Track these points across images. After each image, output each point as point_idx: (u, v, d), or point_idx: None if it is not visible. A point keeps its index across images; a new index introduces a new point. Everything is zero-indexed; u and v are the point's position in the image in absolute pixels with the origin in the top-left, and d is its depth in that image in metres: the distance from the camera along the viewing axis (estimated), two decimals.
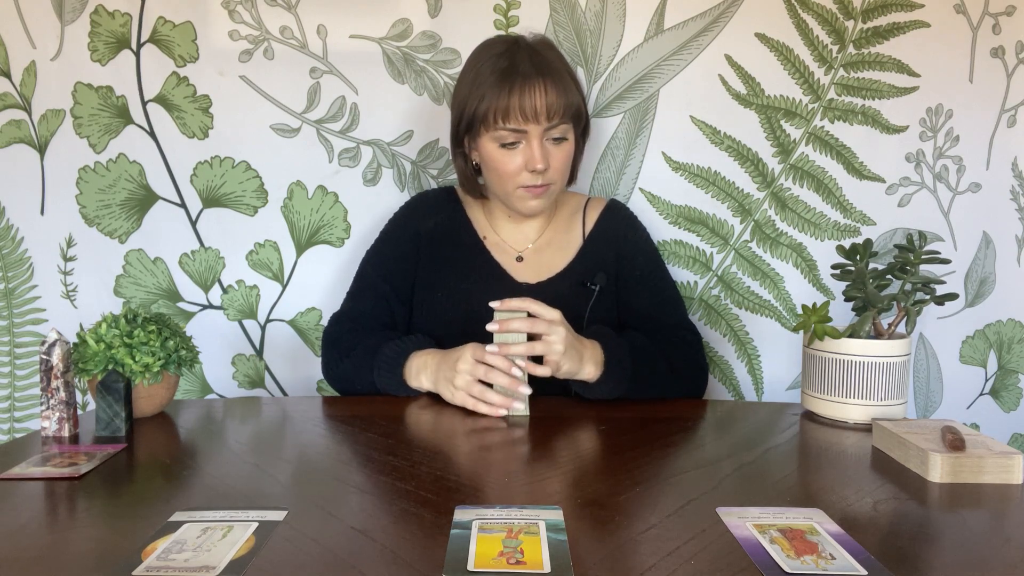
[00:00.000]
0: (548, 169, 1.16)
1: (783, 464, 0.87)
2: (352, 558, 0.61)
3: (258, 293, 1.46)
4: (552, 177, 1.18)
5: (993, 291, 1.52)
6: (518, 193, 1.19)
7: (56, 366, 0.96)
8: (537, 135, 1.14)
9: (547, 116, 1.13)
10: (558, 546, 0.62)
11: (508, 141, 1.15)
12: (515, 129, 1.14)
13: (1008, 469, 0.79)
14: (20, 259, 1.45)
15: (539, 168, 1.15)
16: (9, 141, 1.41)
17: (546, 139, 1.16)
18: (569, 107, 1.15)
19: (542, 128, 1.14)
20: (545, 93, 1.12)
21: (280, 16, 1.38)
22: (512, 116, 1.12)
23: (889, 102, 1.42)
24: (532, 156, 1.14)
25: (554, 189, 1.21)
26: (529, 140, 1.15)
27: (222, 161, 1.41)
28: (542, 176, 1.17)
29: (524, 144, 1.15)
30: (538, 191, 1.18)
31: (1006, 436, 1.56)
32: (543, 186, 1.18)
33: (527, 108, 1.12)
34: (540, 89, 1.12)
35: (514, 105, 1.12)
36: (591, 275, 1.22)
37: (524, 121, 1.13)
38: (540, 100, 1.12)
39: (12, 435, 1.48)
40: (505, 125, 1.13)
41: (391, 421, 1.01)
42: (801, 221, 1.45)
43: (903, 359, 1.02)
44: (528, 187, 1.18)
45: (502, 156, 1.17)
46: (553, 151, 1.17)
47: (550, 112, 1.13)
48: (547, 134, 1.15)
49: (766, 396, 1.50)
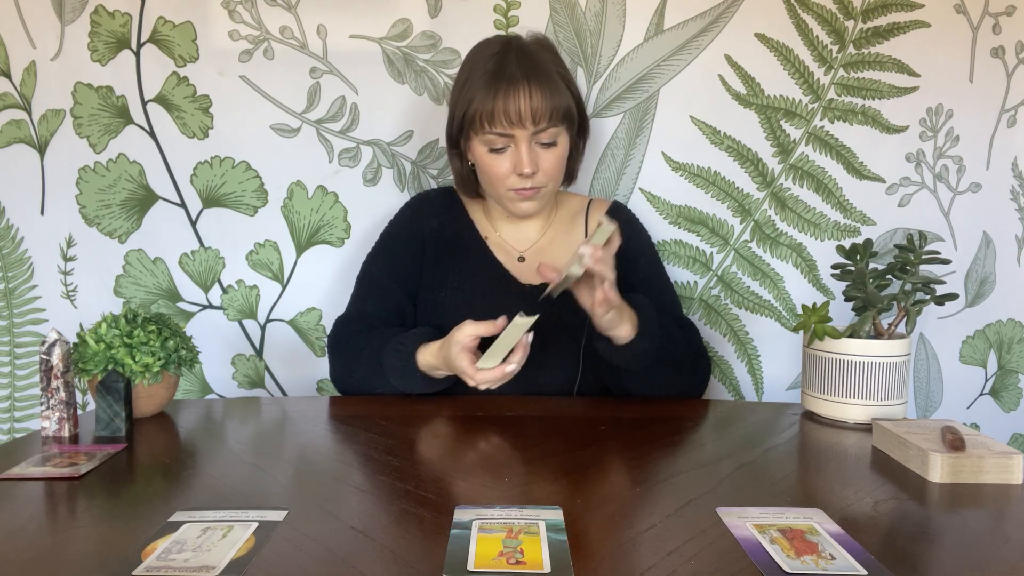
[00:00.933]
0: (537, 173, 1.15)
1: (783, 464, 0.87)
2: (352, 558, 0.61)
3: (258, 293, 1.46)
4: (542, 180, 1.17)
5: (993, 291, 1.52)
6: (509, 195, 1.19)
7: (56, 366, 0.96)
8: (524, 139, 1.13)
9: (532, 120, 1.11)
10: (558, 546, 0.62)
11: (496, 146, 1.14)
12: (502, 133, 1.13)
13: (1008, 469, 0.79)
14: (20, 259, 1.45)
15: (526, 172, 1.14)
16: (9, 141, 1.41)
17: (535, 143, 1.15)
18: (557, 109, 1.13)
19: (529, 132, 1.13)
20: (530, 97, 1.10)
21: (280, 16, 1.38)
22: (498, 120, 1.11)
23: (889, 102, 1.42)
24: (520, 160, 1.13)
25: (546, 191, 1.20)
26: (517, 144, 1.14)
27: (222, 161, 1.41)
28: (531, 180, 1.16)
29: (512, 148, 1.14)
30: (528, 193, 1.18)
31: (1006, 436, 1.56)
32: (533, 189, 1.17)
33: (511, 112, 1.10)
34: (524, 93, 1.10)
35: (499, 109, 1.10)
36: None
37: (510, 125, 1.12)
38: (525, 104, 1.10)
39: (12, 435, 1.48)
40: (492, 129, 1.12)
41: (391, 421, 1.01)
42: (801, 221, 1.45)
43: (903, 359, 1.02)
44: (518, 191, 1.17)
45: (491, 160, 1.16)
46: (542, 154, 1.16)
47: (536, 116, 1.11)
48: (535, 138, 1.14)
49: (766, 396, 1.50)
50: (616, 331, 1.05)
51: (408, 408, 1.07)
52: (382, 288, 1.25)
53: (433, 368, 1.08)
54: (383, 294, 1.24)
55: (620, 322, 1.04)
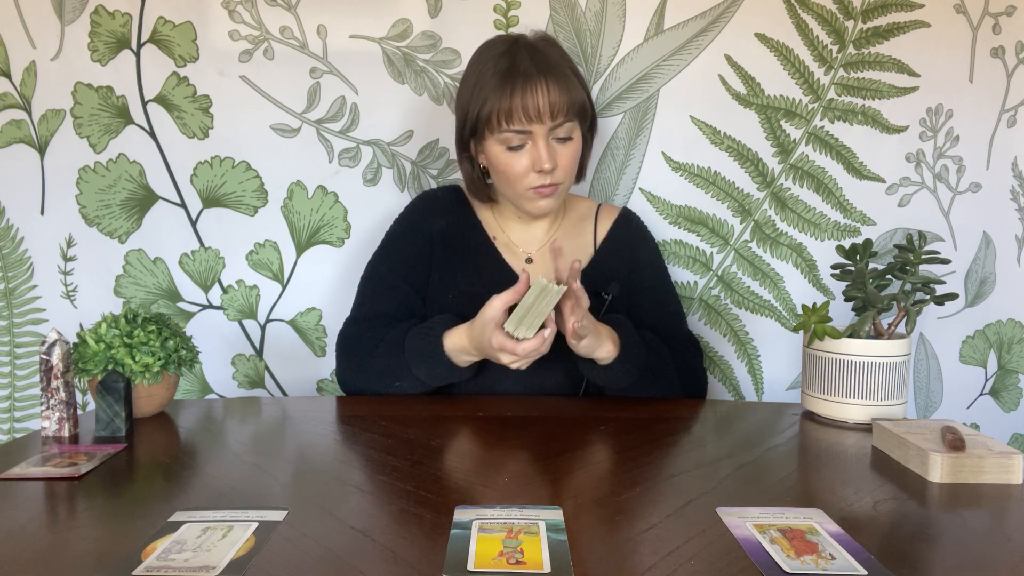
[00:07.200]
0: (556, 169, 1.15)
1: (783, 464, 0.87)
2: (352, 558, 0.61)
3: (258, 293, 1.46)
4: (560, 176, 1.17)
5: (993, 291, 1.52)
6: (527, 195, 1.18)
7: (56, 366, 0.96)
8: (542, 135, 1.13)
9: (551, 115, 1.11)
10: (558, 546, 0.62)
11: (513, 143, 1.14)
12: (519, 131, 1.12)
13: (1008, 469, 0.79)
14: (20, 259, 1.45)
15: (546, 168, 1.13)
16: (9, 141, 1.41)
17: (552, 138, 1.14)
18: (573, 104, 1.13)
19: (547, 128, 1.13)
20: (548, 92, 1.10)
21: (280, 16, 1.38)
22: (516, 118, 1.11)
23: (889, 102, 1.42)
24: (539, 156, 1.13)
25: (563, 188, 1.19)
26: (535, 140, 1.13)
27: (222, 161, 1.41)
28: (550, 176, 1.15)
29: (530, 145, 1.14)
30: (547, 191, 1.17)
31: (1006, 436, 1.56)
32: (552, 186, 1.16)
33: (530, 108, 1.10)
34: (543, 88, 1.10)
35: (517, 106, 1.10)
36: (603, 283, 1.19)
37: (528, 122, 1.11)
38: (543, 99, 1.10)
39: (12, 435, 1.48)
40: (509, 127, 1.12)
41: (391, 421, 1.01)
42: (801, 221, 1.45)
43: (903, 359, 1.02)
44: (537, 188, 1.16)
45: (508, 158, 1.15)
46: (560, 150, 1.15)
47: (554, 111, 1.11)
48: (552, 133, 1.14)
49: (766, 396, 1.50)
50: (597, 353, 1.06)
51: (408, 408, 1.07)
52: (392, 287, 1.23)
53: (461, 352, 1.08)
54: (394, 293, 1.22)
55: (599, 344, 1.05)
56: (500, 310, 1.00)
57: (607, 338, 1.06)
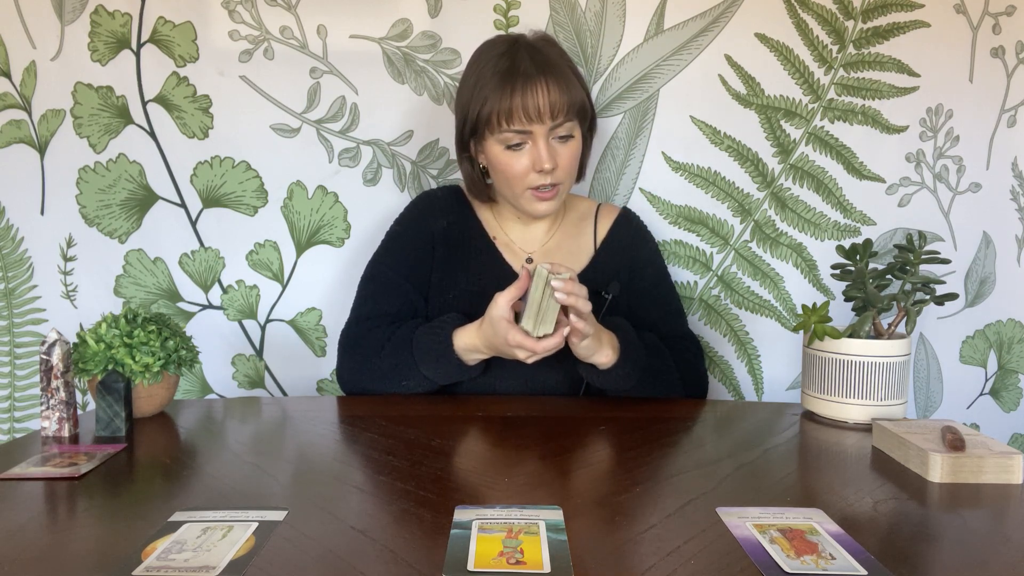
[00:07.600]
0: (556, 168, 1.15)
1: (783, 464, 0.87)
2: (352, 558, 0.61)
3: (258, 293, 1.46)
4: (560, 176, 1.16)
5: (993, 291, 1.52)
6: (527, 196, 1.17)
7: (56, 366, 0.96)
8: (543, 135, 1.13)
9: (551, 115, 1.11)
10: (558, 546, 0.62)
11: (513, 143, 1.14)
12: (520, 130, 1.12)
13: (1008, 469, 0.79)
14: (20, 259, 1.45)
15: (547, 168, 1.13)
16: (9, 141, 1.41)
17: (552, 138, 1.14)
18: (573, 104, 1.13)
19: (547, 127, 1.13)
20: (548, 92, 1.10)
21: (280, 16, 1.38)
22: (516, 117, 1.11)
23: (889, 102, 1.42)
24: (539, 156, 1.13)
25: (563, 189, 1.19)
26: (535, 140, 1.13)
27: (222, 161, 1.41)
28: (551, 176, 1.15)
29: (530, 145, 1.14)
30: (547, 194, 1.17)
31: (1006, 436, 1.56)
32: (553, 187, 1.16)
33: (530, 108, 1.10)
34: (543, 88, 1.10)
35: (517, 106, 1.10)
36: (603, 283, 1.20)
37: (528, 122, 1.11)
38: (543, 99, 1.10)
39: (12, 435, 1.48)
40: (510, 127, 1.12)
41: (391, 421, 1.01)
42: (801, 221, 1.45)
43: (903, 359, 1.02)
44: (537, 190, 1.16)
45: (508, 158, 1.15)
46: (560, 150, 1.15)
47: (554, 110, 1.11)
48: (552, 133, 1.14)
49: (766, 396, 1.50)
50: (596, 358, 1.06)
51: (408, 408, 1.07)
52: (394, 286, 1.22)
53: (471, 351, 1.08)
54: (396, 292, 1.22)
55: (599, 348, 1.05)
56: (506, 307, 1.00)
57: (607, 343, 1.06)
